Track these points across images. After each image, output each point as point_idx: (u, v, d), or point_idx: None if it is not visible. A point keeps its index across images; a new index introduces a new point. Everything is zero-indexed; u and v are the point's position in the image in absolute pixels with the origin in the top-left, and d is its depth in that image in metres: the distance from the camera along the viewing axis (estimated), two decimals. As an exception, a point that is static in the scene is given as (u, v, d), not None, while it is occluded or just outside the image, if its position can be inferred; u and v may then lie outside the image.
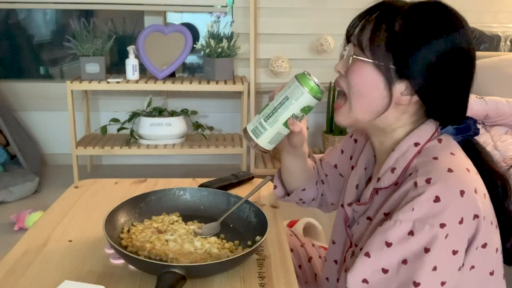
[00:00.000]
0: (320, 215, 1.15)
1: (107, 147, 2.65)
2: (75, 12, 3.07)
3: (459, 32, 0.75)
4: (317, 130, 3.04)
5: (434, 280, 0.70)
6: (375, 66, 0.76)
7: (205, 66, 2.71)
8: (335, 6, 2.84)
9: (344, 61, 0.82)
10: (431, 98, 0.77)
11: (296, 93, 0.84)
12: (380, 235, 0.73)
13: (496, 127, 1.96)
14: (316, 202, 1.11)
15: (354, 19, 0.81)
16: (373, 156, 0.92)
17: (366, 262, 0.73)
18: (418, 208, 0.70)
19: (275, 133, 0.87)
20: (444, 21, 0.75)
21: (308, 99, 0.84)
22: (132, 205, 0.98)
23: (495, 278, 0.77)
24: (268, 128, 0.87)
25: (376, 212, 0.81)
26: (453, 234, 0.69)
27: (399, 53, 0.75)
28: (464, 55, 0.76)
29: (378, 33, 0.76)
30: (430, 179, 0.71)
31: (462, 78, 0.77)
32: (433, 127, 0.81)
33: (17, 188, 2.56)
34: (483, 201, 0.73)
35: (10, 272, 0.82)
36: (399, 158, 0.79)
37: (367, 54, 0.77)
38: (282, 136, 0.89)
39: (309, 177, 1.07)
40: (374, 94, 0.78)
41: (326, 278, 1.00)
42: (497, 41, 2.66)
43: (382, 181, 0.81)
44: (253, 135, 0.88)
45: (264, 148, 0.89)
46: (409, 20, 0.75)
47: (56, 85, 3.00)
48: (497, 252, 0.77)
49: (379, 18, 0.77)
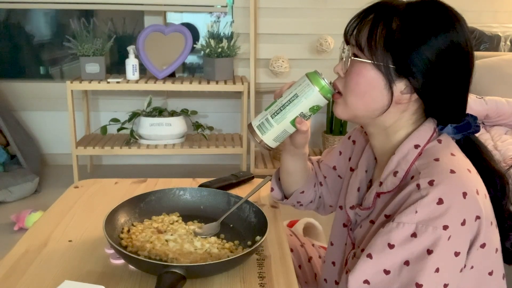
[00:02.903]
0: (320, 215, 1.15)
1: (107, 147, 2.65)
2: (75, 12, 3.07)
3: (456, 29, 0.75)
4: (317, 130, 3.04)
5: (437, 281, 0.70)
6: (375, 66, 0.76)
7: (205, 66, 2.71)
8: (335, 6, 2.84)
9: (343, 62, 0.82)
10: (431, 95, 0.77)
11: (307, 91, 0.83)
12: (382, 236, 0.73)
13: (496, 127, 1.96)
14: (314, 205, 1.10)
15: (351, 20, 0.81)
16: (374, 158, 0.92)
17: (368, 263, 0.73)
18: (421, 210, 0.70)
19: (282, 131, 0.86)
20: (441, 19, 0.75)
21: (318, 98, 0.83)
22: (132, 205, 0.98)
23: (494, 278, 0.77)
24: (274, 125, 0.85)
25: (379, 215, 0.81)
26: (455, 236, 0.69)
27: (398, 52, 0.75)
28: (462, 51, 0.76)
29: (376, 33, 0.76)
30: (433, 181, 0.71)
31: (461, 75, 0.77)
32: (432, 127, 0.81)
33: (17, 188, 2.56)
34: (484, 201, 0.73)
35: (10, 272, 0.82)
36: (401, 161, 0.79)
37: (366, 55, 0.77)
38: (287, 134, 0.87)
39: (308, 179, 1.07)
40: (374, 94, 0.78)
41: (324, 280, 1.00)
42: (497, 41, 2.66)
43: (385, 185, 0.80)
44: (258, 131, 0.86)
45: (269, 146, 0.87)
46: (407, 19, 0.75)
47: (56, 85, 3.00)
48: (497, 253, 0.77)
49: (376, 18, 0.77)
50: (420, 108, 0.81)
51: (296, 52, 2.92)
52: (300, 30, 2.90)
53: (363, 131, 0.99)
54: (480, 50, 2.63)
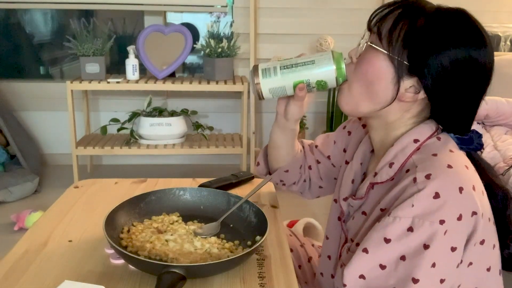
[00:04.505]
0: (320, 215, 1.15)
1: (107, 147, 2.65)
2: (75, 12, 3.07)
3: (479, 47, 0.75)
4: (317, 130, 3.04)
5: (433, 276, 0.70)
6: (388, 57, 0.77)
7: (205, 66, 2.71)
8: (335, 6, 2.84)
9: (358, 47, 0.82)
10: (437, 100, 0.77)
11: (324, 63, 0.84)
12: (378, 231, 0.73)
13: (496, 127, 1.96)
14: (297, 187, 1.11)
15: (380, 8, 0.81)
16: (370, 151, 0.92)
17: (364, 258, 0.73)
18: (417, 204, 0.70)
19: (281, 86, 0.86)
20: (467, 33, 0.75)
21: (330, 75, 0.84)
22: (132, 205, 0.98)
23: (491, 274, 0.78)
24: (278, 76, 0.85)
25: (372, 207, 0.81)
26: (452, 231, 0.69)
27: (415, 51, 0.75)
28: (479, 69, 0.76)
29: (399, 26, 0.76)
30: (430, 174, 0.71)
31: (472, 89, 0.77)
32: (433, 127, 0.81)
33: (17, 188, 2.56)
34: (481, 198, 0.73)
35: (10, 272, 0.82)
36: (398, 154, 0.79)
37: (384, 45, 0.77)
38: (284, 94, 0.88)
39: (294, 158, 1.07)
40: (380, 84, 0.78)
41: (320, 274, 1.01)
42: (497, 41, 2.66)
43: (379, 176, 0.81)
44: (261, 73, 0.86)
45: (262, 92, 0.87)
46: (433, 22, 0.75)
47: (56, 85, 3.00)
48: (494, 249, 0.78)
49: (403, 12, 0.77)
50: (424, 111, 0.81)
51: (296, 52, 2.87)
52: (300, 30, 2.90)
53: (361, 123, 1.00)
54: (480, 50, 2.62)
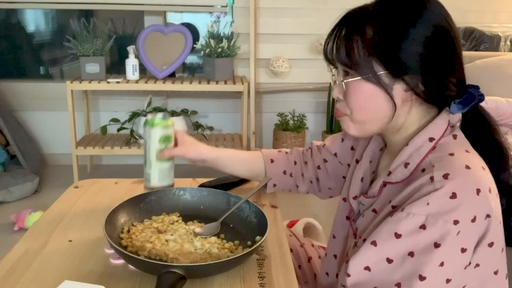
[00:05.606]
0: (320, 215, 1.15)
1: (107, 147, 2.65)
2: (75, 12, 3.07)
3: (428, 8, 0.75)
4: (317, 130, 3.04)
5: (440, 275, 0.70)
6: (367, 80, 0.76)
7: (205, 66, 2.71)
8: (335, 6, 2.84)
9: (338, 86, 0.82)
10: (431, 84, 0.76)
11: (147, 134, 1.03)
12: (389, 225, 0.72)
13: (496, 127, 1.96)
14: (304, 188, 1.14)
15: (326, 41, 0.80)
16: (379, 149, 0.92)
17: (371, 250, 0.73)
18: (433, 202, 0.69)
19: (159, 170, 1.05)
20: (410, 5, 0.75)
21: (157, 133, 1.03)
22: (132, 205, 0.98)
23: (498, 278, 0.77)
24: (150, 171, 1.05)
25: (384, 205, 0.80)
26: (464, 232, 0.69)
27: (384, 56, 0.75)
28: (444, 31, 0.75)
29: (354, 47, 0.75)
30: (448, 174, 0.71)
31: (452, 52, 0.77)
32: (446, 120, 0.80)
33: (17, 188, 2.56)
34: (495, 200, 0.73)
35: (10, 272, 0.82)
36: (413, 153, 0.78)
37: (355, 70, 0.77)
38: (167, 169, 1.07)
39: (272, 166, 1.13)
40: (378, 104, 0.78)
41: (326, 273, 1.00)
42: (497, 41, 2.66)
43: (394, 176, 0.80)
44: (147, 183, 1.06)
45: (161, 186, 1.05)
46: (379, 21, 0.75)
47: (56, 85, 3.00)
48: (502, 252, 0.77)
49: (348, 31, 0.77)
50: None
51: (296, 52, 2.92)
52: (300, 30, 2.90)
53: None
54: (480, 50, 2.63)
